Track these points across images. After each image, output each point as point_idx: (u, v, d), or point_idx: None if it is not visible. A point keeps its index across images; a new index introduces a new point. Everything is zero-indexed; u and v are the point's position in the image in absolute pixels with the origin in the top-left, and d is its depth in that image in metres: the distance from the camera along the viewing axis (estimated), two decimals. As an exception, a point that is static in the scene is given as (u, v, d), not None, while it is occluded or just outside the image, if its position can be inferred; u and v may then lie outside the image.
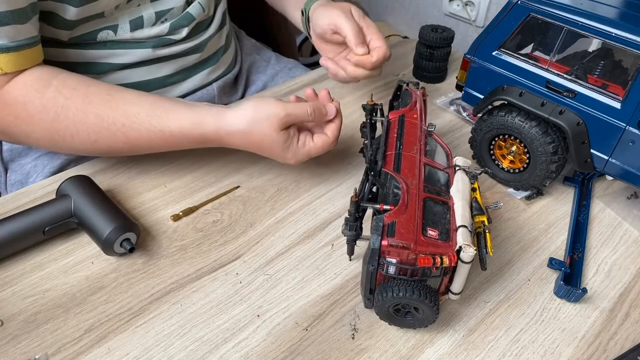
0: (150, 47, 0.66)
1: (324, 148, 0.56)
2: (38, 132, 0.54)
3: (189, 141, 0.56)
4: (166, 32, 0.66)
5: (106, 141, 0.54)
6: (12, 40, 0.50)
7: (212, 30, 0.74)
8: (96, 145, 0.55)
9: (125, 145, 0.55)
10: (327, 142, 0.56)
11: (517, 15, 0.56)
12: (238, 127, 0.53)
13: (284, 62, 0.92)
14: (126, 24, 0.63)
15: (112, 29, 0.62)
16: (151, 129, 0.54)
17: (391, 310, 0.44)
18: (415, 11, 1.48)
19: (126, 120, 0.54)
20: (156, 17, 0.65)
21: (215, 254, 0.53)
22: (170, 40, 0.67)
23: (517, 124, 0.56)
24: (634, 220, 0.58)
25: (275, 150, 0.54)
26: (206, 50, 0.73)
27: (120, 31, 0.63)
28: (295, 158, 0.55)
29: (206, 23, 0.73)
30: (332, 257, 0.53)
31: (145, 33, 0.64)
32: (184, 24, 0.68)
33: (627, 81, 0.50)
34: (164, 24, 0.66)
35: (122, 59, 0.65)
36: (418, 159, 0.48)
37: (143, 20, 0.64)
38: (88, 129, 0.53)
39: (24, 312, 0.47)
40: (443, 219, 0.43)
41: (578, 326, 0.47)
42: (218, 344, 0.45)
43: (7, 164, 0.70)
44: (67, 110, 0.53)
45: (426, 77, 0.83)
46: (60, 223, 0.51)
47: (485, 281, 0.51)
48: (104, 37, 0.62)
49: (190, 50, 0.71)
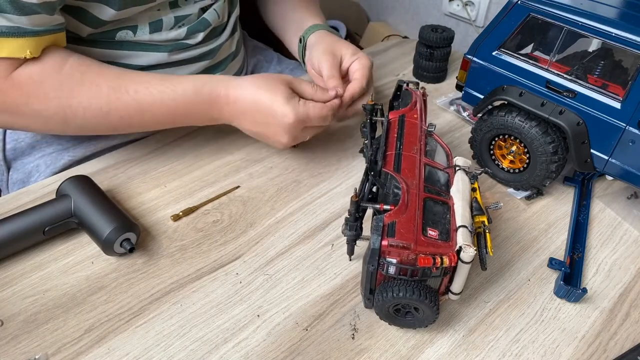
0: (167, 52, 0.66)
1: (322, 113, 0.58)
2: (50, 110, 0.54)
3: (199, 102, 0.57)
4: (183, 37, 0.67)
5: (118, 111, 0.55)
6: (41, 26, 0.51)
7: (225, 37, 0.75)
8: (108, 118, 0.56)
9: (136, 113, 0.56)
10: (324, 108, 0.58)
11: (517, 15, 0.56)
12: (248, 81, 0.58)
13: (286, 63, 0.92)
14: (146, 26, 0.63)
15: (131, 29, 0.63)
16: (163, 90, 0.56)
17: (391, 310, 0.44)
18: (415, 11, 1.48)
19: (138, 86, 0.56)
20: (175, 21, 0.66)
21: (215, 254, 0.53)
22: (185, 45, 0.68)
23: (517, 124, 0.56)
24: (634, 220, 0.58)
25: (278, 101, 0.55)
26: (218, 55, 0.74)
27: (139, 32, 0.63)
28: (295, 113, 0.56)
29: (220, 29, 0.74)
30: (332, 257, 0.53)
31: (163, 36, 0.65)
32: (200, 29, 0.69)
33: (627, 81, 0.50)
34: (181, 28, 0.67)
35: (139, 61, 0.65)
36: (418, 159, 0.48)
37: (162, 24, 0.64)
38: (100, 100, 0.54)
39: (24, 312, 0.47)
40: (443, 219, 0.43)
41: (578, 326, 0.47)
42: (218, 344, 0.45)
43: (9, 163, 0.71)
44: (82, 85, 0.54)
45: (426, 77, 0.83)
46: (60, 223, 0.51)
47: (485, 281, 0.51)
48: (122, 37, 0.63)
49: (204, 55, 0.72)
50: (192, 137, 0.69)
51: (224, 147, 0.67)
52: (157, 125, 0.60)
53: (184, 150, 0.67)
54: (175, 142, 0.68)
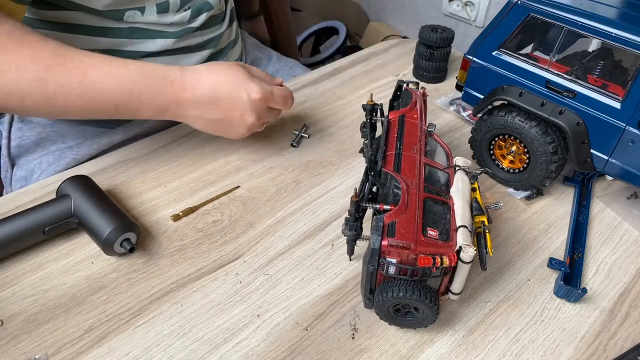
0: (172, 38, 0.67)
1: (286, 93, 0.60)
2: None
3: (149, 84, 0.53)
4: (187, 19, 0.68)
5: (58, 78, 0.49)
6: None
7: (225, 25, 0.77)
8: (44, 84, 0.49)
9: (78, 85, 0.50)
10: (287, 90, 0.60)
11: (517, 16, 0.56)
12: (202, 67, 0.56)
13: (284, 61, 0.93)
14: (153, 7, 0.64)
15: (140, 9, 0.63)
16: (111, 64, 0.51)
17: (391, 311, 0.44)
18: (415, 11, 1.48)
19: (84, 57, 0.50)
20: (181, 3, 0.66)
21: (215, 254, 0.53)
22: (190, 29, 0.69)
23: (517, 124, 0.56)
24: (634, 220, 0.58)
25: (240, 80, 0.55)
26: (220, 43, 0.76)
27: (147, 12, 0.64)
28: (260, 87, 0.56)
29: (220, 17, 0.76)
30: (332, 257, 0.53)
31: (169, 19, 0.66)
32: (204, 9, 0.70)
33: (627, 81, 0.50)
34: (186, 11, 0.68)
35: (145, 47, 0.66)
36: (418, 159, 0.48)
37: (169, 5, 0.65)
38: (38, 64, 0.48)
39: (24, 312, 0.47)
40: (443, 219, 0.43)
41: (578, 326, 0.47)
42: (218, 344, 0.45)
43: (14, 160, 0.71)
44: (20, 44, 0.48)
45: (426, 77, 0.83)
46: (60, 223, 0.51)
47: (485, 281, 0.51)
48: (130, 17, 0.63)
49: (207, 42, 0.73)
50: (192, 137, 0.69)
51: (224, 147, 0.67)
52: (98, 104, 0.52)
53: (184, 150, 0.67)
54: (175, 142, 0.68)
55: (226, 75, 0.55)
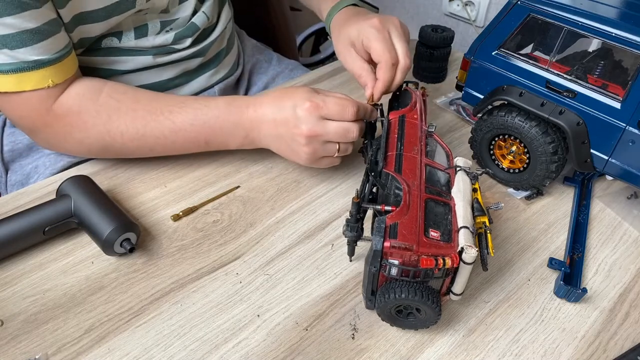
0: (151, 55, 0.66)
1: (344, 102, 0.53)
2: (91, 137, 0.57)
3: (230, 113, 0.57)
4: (170, 42, 0.67)
5: (153, 132, 0.57)
6: (55, 52, 0.53)
7: (215, 35, 0.74)
8: (144, 140, 0.57)
9: (170, 133, 0.57)
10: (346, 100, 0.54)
11: (517, 16, 0.56)
12: (270, 92, 0.58)
13: (285, 63, 0.92)
14: (131, 32, 0.63)
15: (116, 36, 0.63)
16: (196, 107, 0.57)
17: (393, 312, 0.44)
18: (415, 11, 1.48)
19: (173, 107, 0.57)
20: (161, 26, 0.65)
21: (215, 254, 0.53)
22: (173, 50, 0.68)
23: (517, 124, 0.56)
24: (634, 220, 0.58)
25: (301, 95, 0.54)
26: (208, 53, 0.74)
27: (124, 39, 0.63)
28: (310, 95, 0.53)
29: (209, 30, 0.73)
30: (332, 257, 0.53)
31: (149, 42, 0.65)
32: (189, 35, 0.68)
33: (627, 81, 0.50)
34: (168, 33, 0.66)
35: (124, 66, 0.65)
36: (419, 160, 0.48)
37: (148, 29, 0.64)
38: (137, 123, 0.56)
39: (24, 312, 0.47)
40: (445, 220, 0.43)
41: (578, 326, 0.47)
42: (218, 344, 0.45)
43: (7, 165, 0.70)
44: (119, 111, 0.56)
45: (426, 77, 0.83)
46: (60, 223, 0.51)
47: (485, 281, 0.51)
48: (107, 44, 0.63)
49: (193, 55, 0.71)
50: (192, 136, 0.69)
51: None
52: (190, 144, 0.59)
53: (184, 150, 0.67)
54: (175, 141, 0.68)
55: (286, 90, 0.56)
